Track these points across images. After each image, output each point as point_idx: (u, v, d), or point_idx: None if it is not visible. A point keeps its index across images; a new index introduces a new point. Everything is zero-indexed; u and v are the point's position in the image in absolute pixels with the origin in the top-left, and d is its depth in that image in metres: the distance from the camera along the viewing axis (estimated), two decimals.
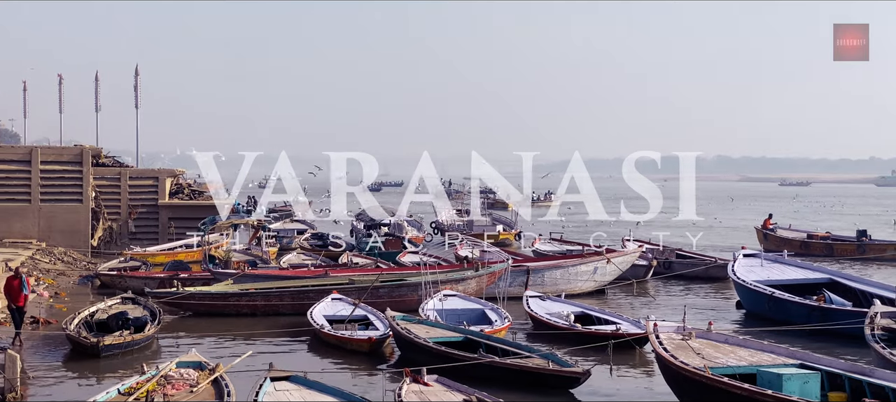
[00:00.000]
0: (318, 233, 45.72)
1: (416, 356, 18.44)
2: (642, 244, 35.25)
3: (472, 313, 23.12)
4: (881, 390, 14.43)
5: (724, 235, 45.83)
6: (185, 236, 38.15)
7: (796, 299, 24.06)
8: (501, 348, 18.66)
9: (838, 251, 42.21)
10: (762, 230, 46.06)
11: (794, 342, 19.42)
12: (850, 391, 14.88)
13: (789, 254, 29.00)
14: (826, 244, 43.49)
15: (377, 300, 24.13)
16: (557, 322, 22.34)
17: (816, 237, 44.97)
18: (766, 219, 47.89)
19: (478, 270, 27.22)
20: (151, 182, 41.72)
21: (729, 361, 15.85)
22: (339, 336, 20.97)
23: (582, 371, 16.56)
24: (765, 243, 44.17)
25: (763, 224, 46.91)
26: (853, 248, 42.15)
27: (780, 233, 46.00)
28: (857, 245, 42.33)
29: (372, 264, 32.41)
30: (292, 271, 30.48)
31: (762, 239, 45.14)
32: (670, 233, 37.59)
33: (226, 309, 25.47)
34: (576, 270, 29.78)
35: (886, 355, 16.34)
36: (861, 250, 41.52)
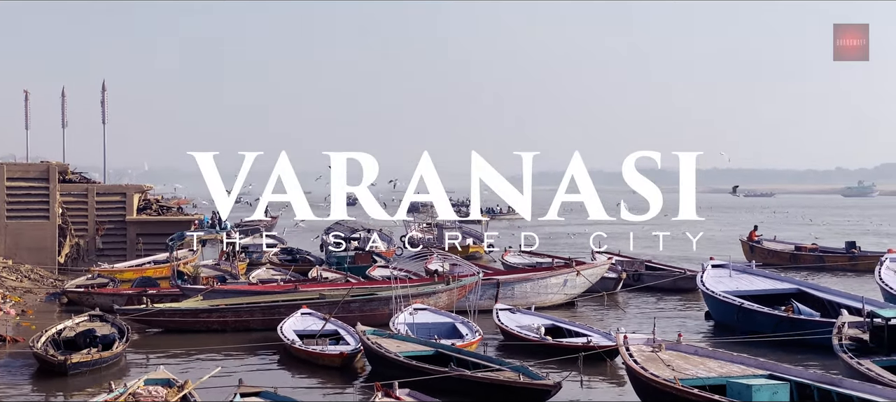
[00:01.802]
0: (287, 248, 45.59)
1: (388, 371, 18.40)
2: (612, 256, 35.39)
3: (442, 327, 23.08)
4: (849, 399, 14.56)
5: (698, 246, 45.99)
6: (153, 253, 37.93)
7: (765, 310, 24.20)
8: (472, 361, 18.64)
9: (829, 263, 41.56)
10: (748, 242, 45.38)
11: (763, 352, 19.54)
12: (819, 401, 15.00)
13: (779, 266, 29.02)
14: (816, 256, 42.91)
15: (348, 315, 24.07)
16: (528, 335, 22.36)
17: (805, 249, 44.37)
18: (751, 231, 47.14)
19: (448, 283, 27.21)
20: (119, 198, 41.42)
21: (699, 372, 15.93)
22: (311, 351, 20.90)
23: (552, 384, 16.57)
24: (751, 255, 43.59)
25: (749, 236, 46.19)
26: (845, 259, 41.65)
27: (766, 245, 45.39)
28: (849, 257, 41.92)
29: (342, 278, 32.33)
30: (262, 286, 30.36)
31: (748, 251, 44.51)
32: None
33: (195, 325, 25.31)
34: (546, 282, 29.84)
35: (854, 364, 16.46)
36: (853, 262, 41.12)
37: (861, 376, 15.80)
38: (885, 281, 26.16)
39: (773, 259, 42.62)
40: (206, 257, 39.38)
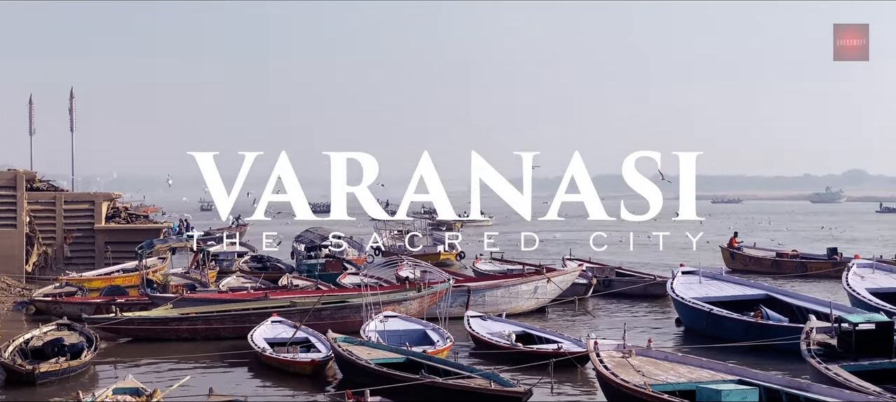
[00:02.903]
0: (258, 255, 45.39)
1: (359, 378, 18.36)
2: (582, 263, 35.49)
3: (413, 334, 23.08)
4: None
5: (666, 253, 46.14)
6: (122, 261, 37.67)
7: (734, 316, 24.36)
8: (443, 368, 18.65)
9: (812, 269, 41.25)
10: (728, 249, 45.06)
11: (733, 357, 19.68)
12: None
13: (760, 273, 29.06)
14: (798, 263, 42.67)
15: (319, 322, 24.00)
16: (499, 342, 22.40)
17: (786, 256, 44.03)
18: (731, 237, 46.86)
19: (419, 290, 27.20)
20: (87, 206, 41.13)
21: (669, 378, 16.01)
22: (282, 359, 20.83)
23: (523, 390, 16.59)
24: (731, 262, 43.72)
25: (729, 243, 45.86)
26: (828, 266, 41.00)
27: (747, 252, 45.17)
28: (832, 263, 41.23)
29: (312, 285, 32.25)
30: (232, 294, 30.22)
31: (728, 258, 44.34)
32: None
33: (165, 334, 25.17)
34: (516, 289, 29.89)
35: (822, 369, 16.58)
36: (835, 268, 40.04)
37: (829, 381, 15.93)
38: (853, 287, 26.38)
39: (754, 266, 42.60)
40: (175, 266, 39.14)
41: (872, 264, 29.46)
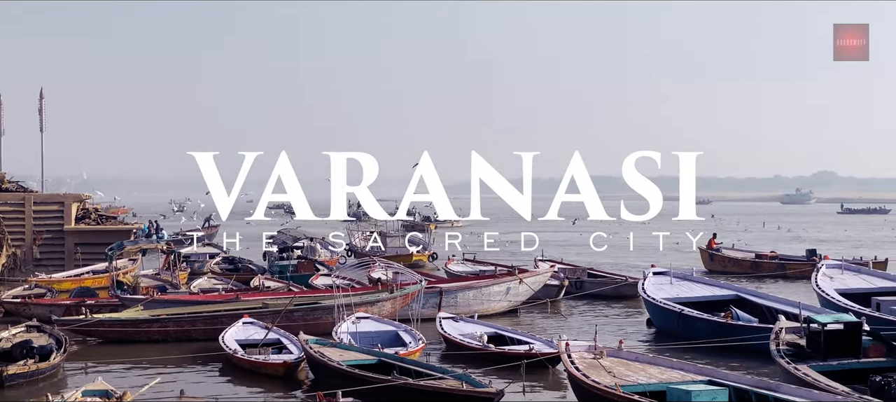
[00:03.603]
0: (229, 257, 45.25)
1: (330, 380, 18.34)
2: (554, 264, 35.57)
3: (385, 336, 23.08)
4: None
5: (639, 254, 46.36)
6: (92, 262, 37.43)
7: (704, 316, 24.50)
8: (415, 370, 18.66)
9: (790, 271, 41.09)
10: (707, 251, 45.03)
11: (703, 358, 19.80)
12: None
13: (740, 274, 29.10)
14: (778, 264, 42.71)
15: (291, 324, 23.93)
16: (470, 343, 22.43)
17: (766, 257, 44.01)
18: (711, 239, 46.75)
19: (392, 292, 27.19)
20: (57, 207, 40.84)
21: (639, 379, 16.08)
22: (253, 361, 20.77)
23: (495, 392, 16.62)
24: (710, 263, 43.76)
25: (708, 244, 45.79)
26: (808, 266, 39.91)
27: (726, 253, 45.18)
28: (811, 264, 41.37)
29: (284, 287, 32.17)
30: (203, 295, 30.08)
31: (707, 260, 44.37)
32: None
33: (136, 336, 25.03)
34: (489, 290, 29.92)
35: (791, 369, 16.71)
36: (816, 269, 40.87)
37: (798, 381, 16.07)
38: (822, 287, 26.59)
39: (733, 267, 42.69)
40: (146, 267, 38.94)
41: (841, 264, 29.69)
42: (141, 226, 50.50)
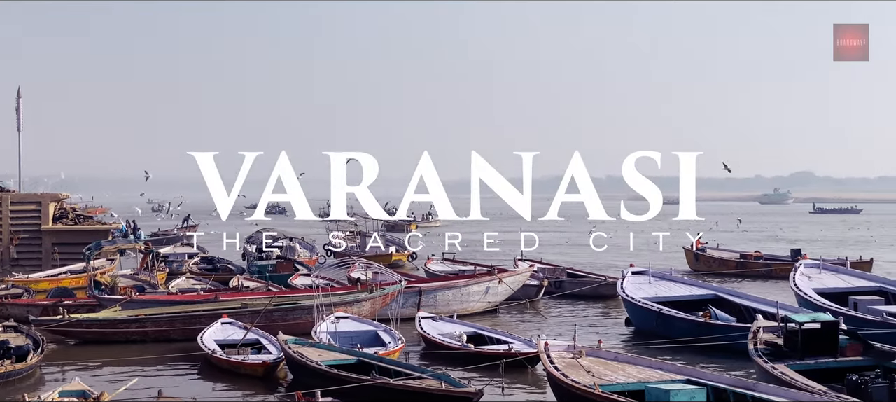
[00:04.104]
0: (208, 257, 45.10)
1: (309, 380, 18.31)
2: (533, 264, 35.62)
3: (365, 336, 23.05)
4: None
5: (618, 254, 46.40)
6: (69, 262, 37.25)
7: (683, 316, 24.59)
8: (394, 369, 18.65)
9: (777, 271, 40.57)
10: (693, 251, 44.98)
11: (682, 357, 19.88)
12: None
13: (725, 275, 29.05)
14: (763, 264, 42.65)
15: (270, 324, 23.87)
16: (450, 343, 22.44)
17: (750, 257, 43.96)
18: (696, 239, 46.48)
19: (371, 291, 27.16)
20: (34, 207, 40.67)
21: (618, 378, 16.12)
22: (232, 361, 20.71)
23: (474, 391, 16.63)
24: (695, 264, 43.74)
25: (693, 244, 45.68)
26: (792, 267, 41.18)
27: (711, 253, 45.11)
28: None
29: (263, 287, 32.09)
30: (181, 295, 29.97)
31: (693, 260, 44.36)
32: None
33: (113, 336, 24.91)
34: (468, 290, 29.93)
35: (769, 368, 16.78)
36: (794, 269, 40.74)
37: (775, 380, 16.13)
38: (800, 286, 26.73)
39: (718, 267, 42.78)
40: (124, 267, 38.77)
41: (819, 264, 29.86)
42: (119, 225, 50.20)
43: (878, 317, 23.19)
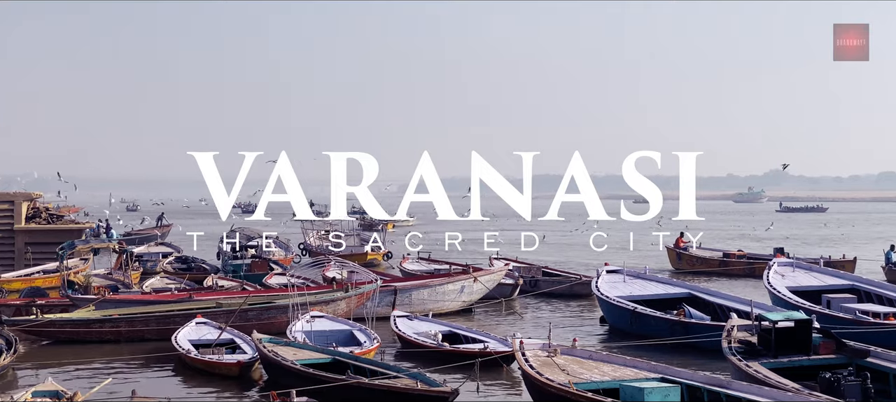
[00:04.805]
0: (182, 256, 44.93)
1: (284, 379, 18.27)
2: (508, 263, 35.67)
3: (340, 335, 23.03)
4: (738, 401, 14.95)
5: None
6: (42, 262, 37.00)
7: (657, 314, 24.70)
8: (369, 368, 18.66)
9: (759, 270, 38.95)
10: (675, 249, 44.81)
11: (656, 356, 19.91)
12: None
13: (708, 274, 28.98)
14: (746, 263, 42.39)
15: (245, 323, 23.81)
16: (425, 342, 22.45)
17: (733, 256, 43.74)
18: (678, 237, 46.26)
19: (347, 290, 27.13)
20: (6, 206, 40.25)
21: (593, 376, 16.17)
22: (207, 361, 20.63)
23: (449, 390, 16.65)
24: (678, 262, 43.72)
25: (675, 243, 45.47)
26: None
27: (693, 252, 44.94)
28: None
29: (238, 286, 32.00)
30: (155, 295, 29.85)
31: (675, 259, 44.27)
32: None
33: (87, 336, 24.78)
34: (443, 289, 29.95)
35: (742, 366, 16.87)
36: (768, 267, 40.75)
37: (749, 378, 16.22)
38: (773, 285, 26.89)
39: (701, 266, 42.78)
40: (97, 267, 38.55)
41: (793, 262, 30.07)
42: (92, 225, 49.91)
43: (851, 315, 23.39)
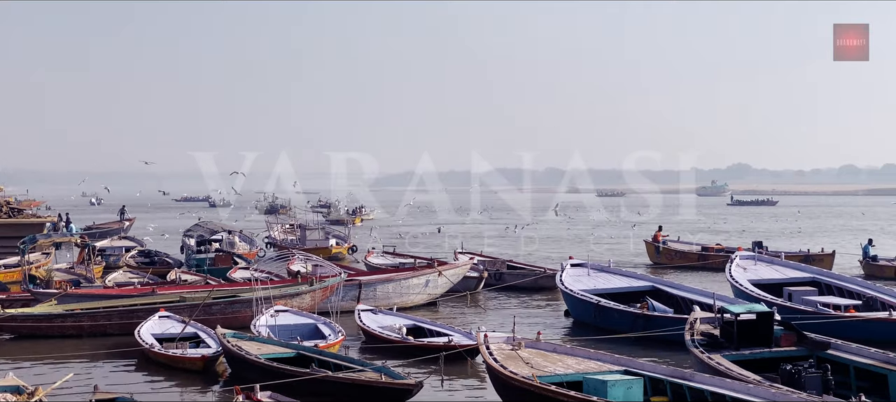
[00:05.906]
0: (145, 250, 44.67)
1: (248, 374, 18.20)
2: (473, 256, 35.74)
3: (304, 329, 22.97)
4: (700, 393, 15.09)
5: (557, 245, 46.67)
6: (3, 256, 36.66)
7: (621, 308, 24.82)
8: (334, 362, 18.64)
9: None
10: (653, 243, 45.02)
11: (620, 348, 20.04)
12: (672, 395, 15.50)
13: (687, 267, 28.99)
14: (724, 257, 41.07)
15: (209, 317, 23.72)
16: (390, 335, 22.45)
17: (712, 250, 43.87)
18: (656, 231, 46.78)
19: (311, 284, 27.07)
20: None
21: (557, 369, 16.24)
22: (170, 355, 20.52)
23: (414, 383, 16.68)
24: (656, 256, 43.84)
25: (654, 237, 45.81)
26: None
27: (673, 246, 45.11)
28: None
29: (201, 280, 31.84)
30: (118, 289, 29.66)
31: (653, 252, 44.41)
32: None
33: (49, 331, 24.56)
34: (408, 283, 29.96)
35: (705, 359, 17.01)
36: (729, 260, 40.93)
37: (711, 370, 16.36)
38: (735, 278, 27.11)
39: (680, 260, 42.95)
40: (59, 261, 38.25)
41: (754, 255, 30.32)
42: (54, 219, 49.53)
43: (811, 308, 23.66)
